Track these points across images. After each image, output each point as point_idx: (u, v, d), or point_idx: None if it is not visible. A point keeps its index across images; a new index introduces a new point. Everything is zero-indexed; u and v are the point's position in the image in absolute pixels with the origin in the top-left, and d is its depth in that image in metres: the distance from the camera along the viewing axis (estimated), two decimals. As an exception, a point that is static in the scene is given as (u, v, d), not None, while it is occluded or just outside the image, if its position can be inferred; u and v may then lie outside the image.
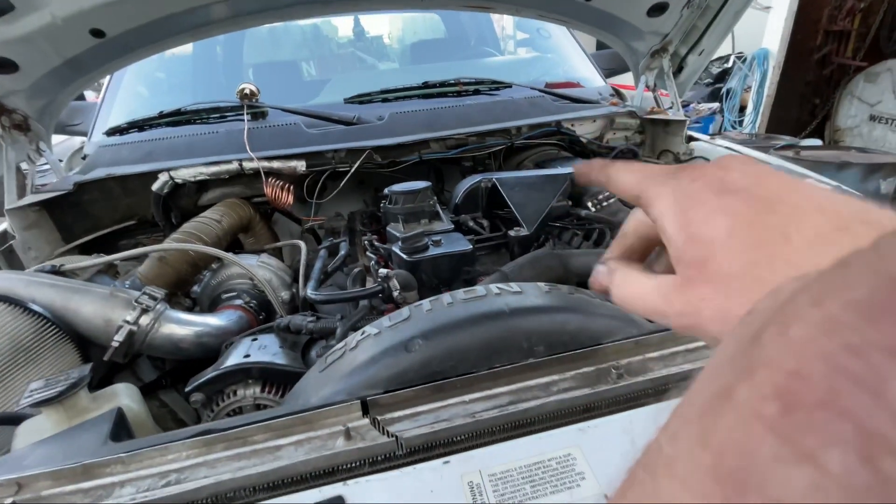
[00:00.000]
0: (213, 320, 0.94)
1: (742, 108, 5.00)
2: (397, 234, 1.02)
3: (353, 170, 1.30)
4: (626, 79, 2.29)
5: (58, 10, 1.09)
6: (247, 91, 1.43)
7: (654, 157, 1.66)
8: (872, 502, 0.09)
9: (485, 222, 1.12)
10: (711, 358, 0.15)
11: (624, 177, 0.29)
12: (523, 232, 0.98)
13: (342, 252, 1.02)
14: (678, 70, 1.72)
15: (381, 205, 1.11)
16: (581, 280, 0.85)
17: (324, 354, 0.66)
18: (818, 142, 4.24)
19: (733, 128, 4.93)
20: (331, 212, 1.43)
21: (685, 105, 1.75)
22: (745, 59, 4.73)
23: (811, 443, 0.10)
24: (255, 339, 0.82)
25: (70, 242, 1.33)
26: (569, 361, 0.52)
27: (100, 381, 0.94)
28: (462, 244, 0.88)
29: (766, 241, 0.21)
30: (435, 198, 1.09)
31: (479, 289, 0.61)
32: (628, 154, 1.58)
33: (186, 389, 0.74)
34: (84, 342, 0.84)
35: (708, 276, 0.22)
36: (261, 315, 1.05)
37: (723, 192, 0.23)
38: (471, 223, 1.11)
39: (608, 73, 2.14)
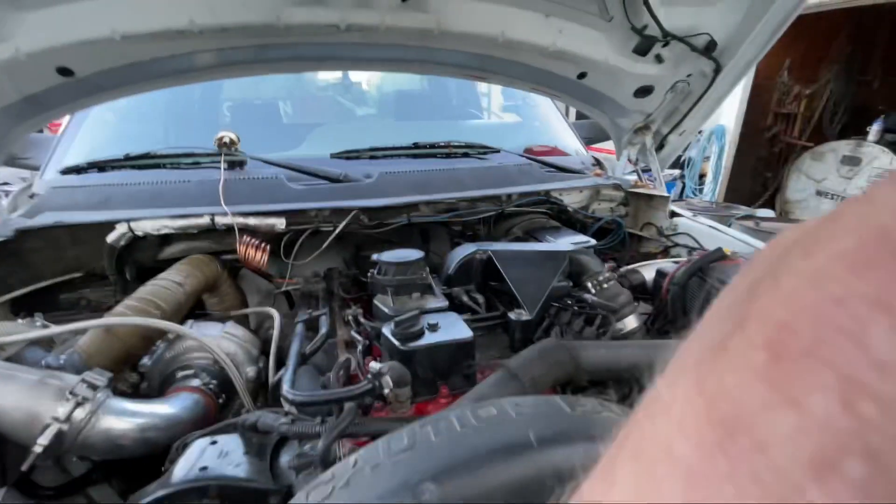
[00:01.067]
0: (162, 409, 0.80)
1: (701, 176, 5.33)
2: (386, 310, 0.93)
3: (337, 231, 1.22)
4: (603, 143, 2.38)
5: (24, 44, 0.99)
6: (226, 139, 1.34)
7: (637, 229, 1.67)
8: (852, 442, 0.10)
9: (479, 297, 1.04)
10: (712, 307, 0.15)
11: None
12: (525, 316, 0.91)
13: (323, 330, 0.92)
14: (660, 147, 1.78)
15: (369, 273, 1.02)
16: (592, 377, 0.78)
17: (301, 476, 0.54)
18: (771, 212, 4.53)
19: (694, 195, 5.21)
20: (305, 270, 1.32)
21: (646, 170, 1.80)
22: (704, 133, 5.09)
23: (796, 389, 0.11)
24: (214, 443, 0.69)
25: (1, 295, 1.16)
26: None
27: (16, 481, 0.77)
28: (462, 330, 0.80)
29: None
30: (427, 269, 1.01)
31: (492, 407, 0.53)
32: (613, 225, 1.58)
33: (123, 513, 0.59)
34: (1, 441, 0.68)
35: None
36: (220, 398, 0.91)
37: None
38: (464, 298, 1.03)
39: (588, 140, 2.20)
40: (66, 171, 1.39)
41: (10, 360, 0.82)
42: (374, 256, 1.03)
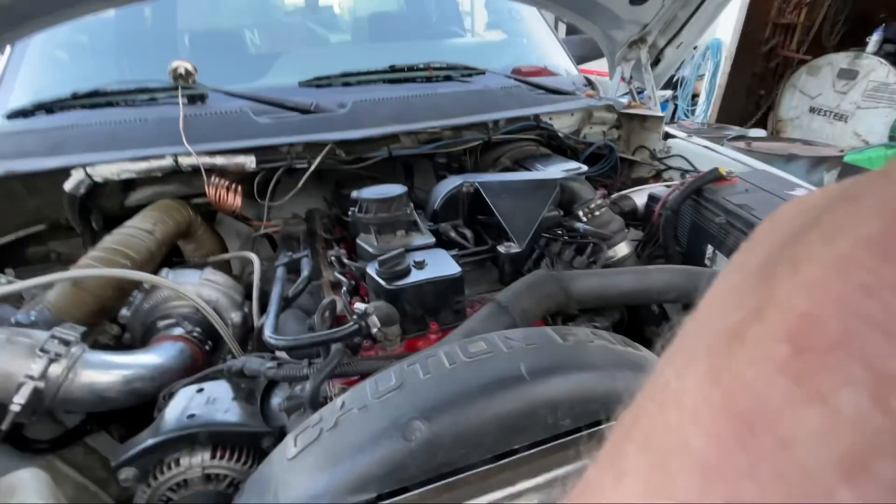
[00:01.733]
0: (147, 358, 0.78)
1: (694, 97, 5.14)
2: (370, 250, 0.89)
3: (312, 168, 1.14)
4: (593, 64, 2.23)
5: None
6: (181, 70, 1.21)
7: (629, 154, 1.61)
8: (884, 441, 0.09)
9: (467, 232, 1.01)
10: (716, 284, 0.14)
11: None
12: (514, 248, 0.88)
13: (305, 273, 0.88)
14: (655, 62, 1.67)
15: (350, 212, 0.97)
16: (583, 306, 0.76)
17: (293, 417, 0.53)
18: (763, 132, 4.44)
19: (686, 116, 5.06)
20: (285, 211, 1.26)
21: (639, 92, 1.70)
22: (699, 49, 4.83)
23: (823, 384, 0.10)
24: (200, 390, 0.67)
25: (-40, 252, 1.09)
26: (603, 438, 0.43)
27: (8, 437, 0.76)
28: (450, 266, 0.77)
29: None
30: (412, 205, 0.96)
31: (481, 342, 0.51)
32: (605, 150, 1.52)
33: (113, 465, 0.59)
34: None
35: None
36: (206, 345, 0.89)
37: None
38: (452, 234, 0.99)
39: (579, 59, 2.06)
40: (12, 115, 1.27)
41: (-22, 318, 0.78)
42: (354, 194, 0.97)
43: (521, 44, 2.05)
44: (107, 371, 0.72)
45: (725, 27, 4.43)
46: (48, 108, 1.25)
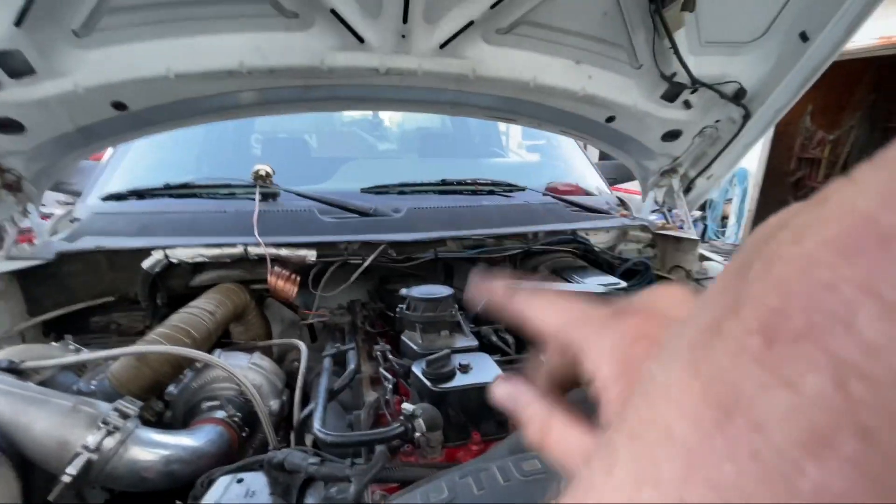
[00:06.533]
0: (187, 440, 0.79)
1: (723, 218, 5.27)
2: (414, 347, 0.91)
3: (366, 264, 1.23)
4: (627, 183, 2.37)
5: (83, 79, 1.05)
6: (262, 172, 1.38)
7: (664, 272, 1.64)
8: (845, 420, 0.10)
9: (509, 337, 1.03)
10: (704, 292, 0.15)
11: (547, 316, 0.26)
12: (557, 360, 0.89)
13: (352, 366, 0.91)
14: (687, 190, 1.78)
15: (398, 308, 1.01)
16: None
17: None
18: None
19: (716, 236, 5.14)
20: (331, 302, 1.32)
21: (660, 211, 1.78)
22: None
23: (790, 371, 0.11)
24: (240, 481, 0.67)
25: (35, 315, 1.18)
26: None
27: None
28: (494, 372, 0.78)
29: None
30: (456, 306, 1.00)
31: (535, 460, 0.50)
32: (641, 267, 1.56)
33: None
34: (27, 466, 0.68)
35: None
36: (244, 431, 0.90)
37: None
38: (493, 337, 1.01)
39: (611, 181, 2.21)
40: (108, 197, 1.45)
41: (43, 383, 0.83)
42: (403, 291, 1.03)
43: (556, 165, 2.23)
44: (150, 449, 0.73)
45: (751, 157, 4.69)
46: (140, 194, 1.43)
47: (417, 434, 0.67)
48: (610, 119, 1.44)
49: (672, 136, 1.55)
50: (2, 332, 1.08)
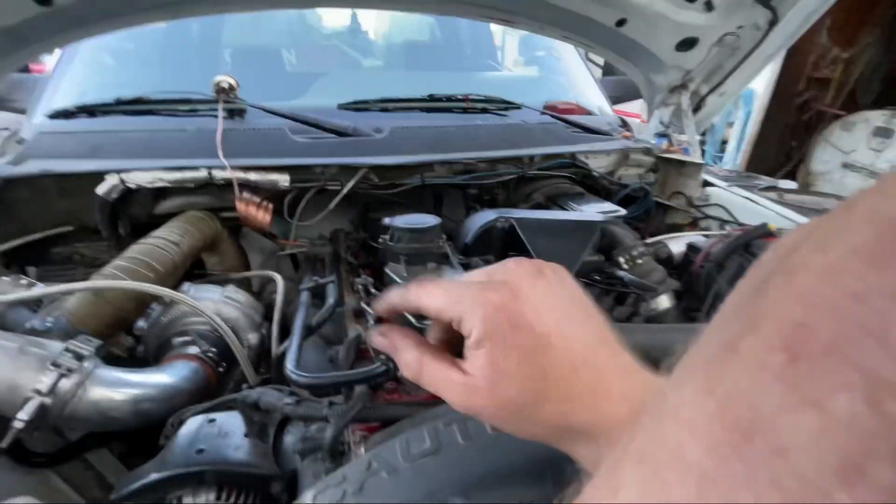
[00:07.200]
0: (158, 377, 0.74)
1: (723, 143, 5.10)
2: (399, 281, 0.85)
3: (345, 190, 1.12)
4: (624, 105, 2.21)
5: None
6: (224, 84, 1.22)
7: (664, 198, 1.56)
8: (878, 445, 0.09)
9: (499, 269, 0.96)
10: (719, 311, 0.14)
11: (433, 301, 0.33)
12: (551, 292, 0.83)
13: (331, 300, 0.84)
14: (696, 109, 1.64)
15: (381, 239, 0.93)
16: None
17: (306, 461, 0.49)
18: (793, 184, 4.35)
19: (714, 162, 5.01)
20: (311, 231, 1.24)
21: (664, 134, 1.66)
22: (730, 97, 4.82)
23: (817, 390, 0.10)
24: (212, 421, 0.63)
25: (-10, 247, 1.09)
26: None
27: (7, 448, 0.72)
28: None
29: (534, 378, 0.28)
30: (444, 237, 0.93)
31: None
32: (640, 192, 1.48)
33: (112, 497, 0.54)
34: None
35: (496, 394, 0.29)
36: (220, 367, 0.85)
37: (516, 326, 0.29)
38: (483, 270, 0.95)
39: (613, 100, 2.04)
40: (55, 115, 1.29)
41: (-6, 321, 0.76)
42: (387, 221, 0.94)
43: (556, 80, 2.05)
44: (116, 389, 0.68)
45: (760, 77, 4.43)
46: (90, 111, 1.27)
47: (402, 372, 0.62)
48: (620, 22, 1.27)
49: (687, 44, 1.38)
50: (-49, 266, 1.00)
